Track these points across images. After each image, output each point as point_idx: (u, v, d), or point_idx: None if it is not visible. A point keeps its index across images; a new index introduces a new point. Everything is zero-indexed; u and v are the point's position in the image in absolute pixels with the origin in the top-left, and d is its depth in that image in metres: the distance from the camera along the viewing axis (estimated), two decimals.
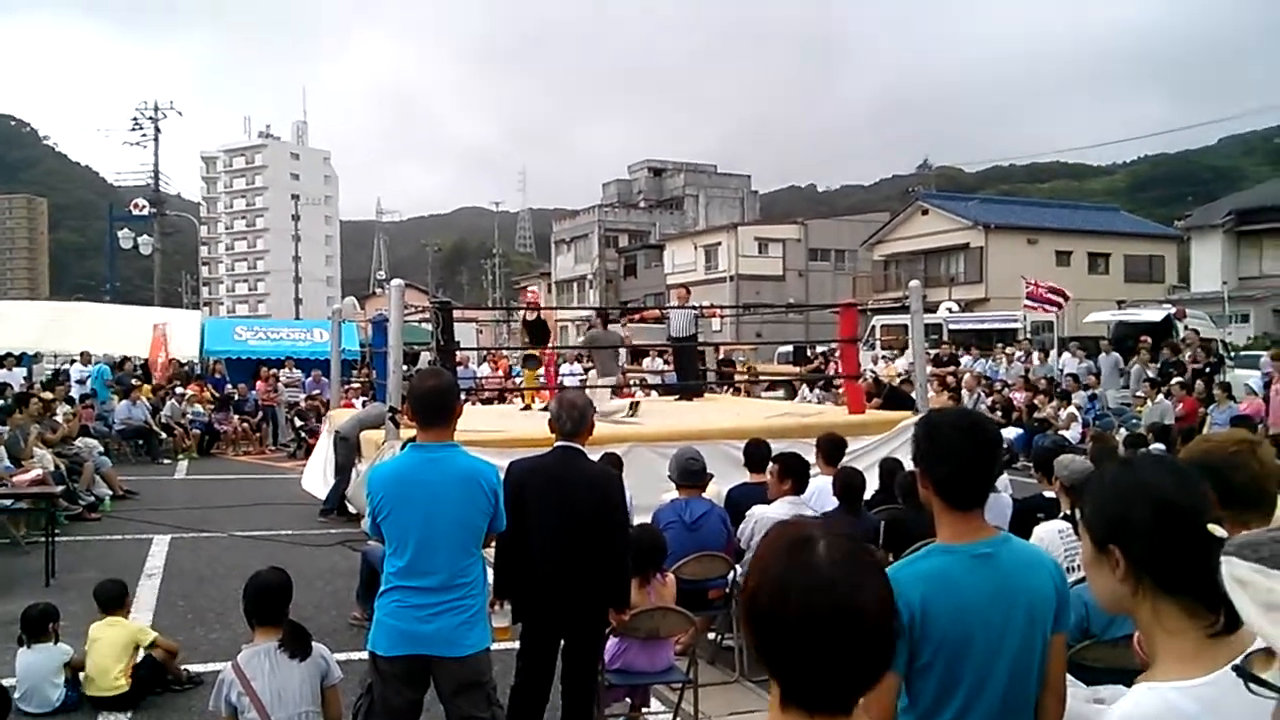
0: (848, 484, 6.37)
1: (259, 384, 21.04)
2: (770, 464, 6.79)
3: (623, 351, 15.59)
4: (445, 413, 4.12)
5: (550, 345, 15.50)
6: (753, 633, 1.52)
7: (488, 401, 19.25)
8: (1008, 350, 23.71)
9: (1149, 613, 1.65)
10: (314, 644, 4.39)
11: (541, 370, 14.67)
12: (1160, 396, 16.69)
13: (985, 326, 30.83)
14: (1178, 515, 1.64)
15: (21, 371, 20.58)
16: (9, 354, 20.56)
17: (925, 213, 45.51)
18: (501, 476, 4.29)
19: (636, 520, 5.93)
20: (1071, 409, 17.22)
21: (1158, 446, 12.36)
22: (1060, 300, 22.50)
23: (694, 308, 15.01)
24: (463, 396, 4.35)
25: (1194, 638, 1.59)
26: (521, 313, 15.07)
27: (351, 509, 11.00)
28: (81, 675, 5.80)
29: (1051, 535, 4.96)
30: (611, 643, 5.06)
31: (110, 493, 12.97)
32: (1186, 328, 22.72)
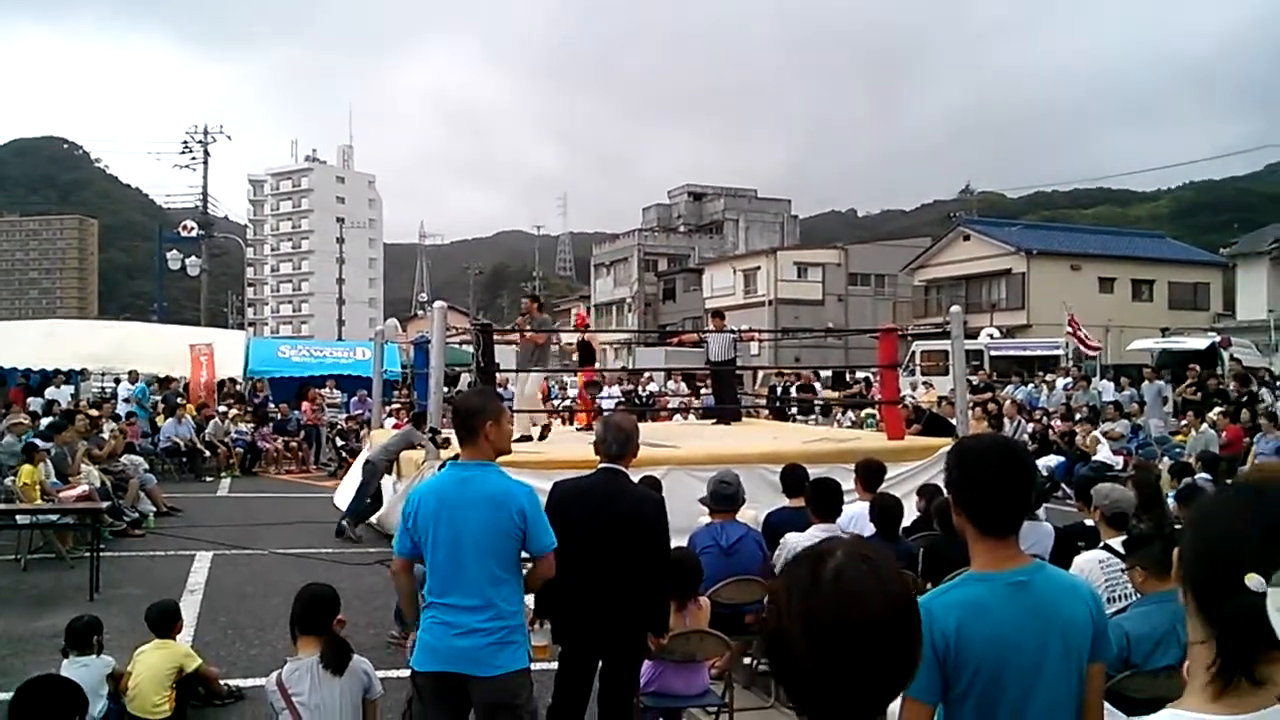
0: (885, 510, 6.33)
1: (305, 404, 21.26)
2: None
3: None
4: (471, 430, 4.14)
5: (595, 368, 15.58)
6: (766, 651, 1.52)
7: None
8: (1048, 378, 23.49)
9: (1194, 638, 1.59)
10: (356, 658, 4.44)
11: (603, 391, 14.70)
12: (1205, 426, 16.45)
13: (1027, 353, 30.58)
14: (1224, 553, 1.53)
15: (69, 389, 20.95)
16: (58, 371, 20.93)
17: (967, 238, 45.23)
18: (539, 498, 4.28)
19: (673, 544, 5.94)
20: (1096, 433, 16.97)
21: (1204, 476, 12.18)
22: (1092, 348, 24.18)
23: (733, 332, 15.01)
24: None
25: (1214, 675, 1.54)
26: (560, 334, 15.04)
27: (389, 535, 11.09)
28: (123, 690, 5.87)
29: (1091, 564, 4.91)
30: (647, 665, 5.06)
31: (154, 509, 13.15)
32: (1231, 356, 22.41)
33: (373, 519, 12.05)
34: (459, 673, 3.96)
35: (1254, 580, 1.47)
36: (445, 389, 10.82)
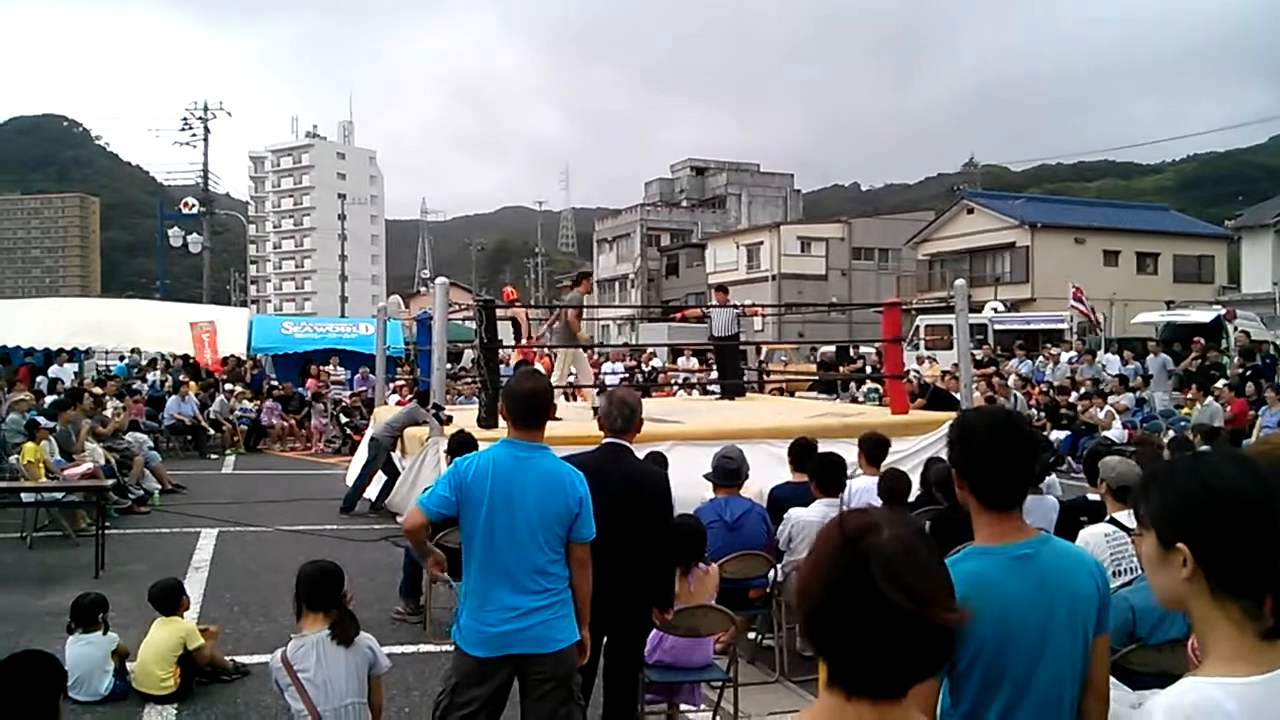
0: (892, 486, 6.31)
1: (309, 381, 21.25)
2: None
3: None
4: (541, 415, 4.14)
5: (594, 345, 15.46)
6: (804, 611, 1.52)
7: None
8: (1053, 351, 23.40)
9: (1206, 611, 1.61)
10: (361, 633, 4.43)
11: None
12: (1209, 399, 16.42)
13: (1031, 327, 30.52)
14: (1250, 514, 1.58)
15: (73, 367, 20.96)
16: (61, 349, 20.94)
17: (971, 211, 45.05)
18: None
19: None
20: (1109, 407, 16.96)
21: (1203, 450, 12.15)
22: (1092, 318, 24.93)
23: (735, 307, 14.97)
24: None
25: (1247, 639, 1.56)
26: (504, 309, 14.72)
27: (395, 514, 11.04)
28: (130, 665, 5.90)
29: (1097, 538, 4.88)
30: (650, 634, 5.05)
31: (159, 487, 13.17)
32: (1237, 329, 22.36)
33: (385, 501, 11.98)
34: (520, 654, 3.93)
35: None
36: (448, 365, 10.78)
